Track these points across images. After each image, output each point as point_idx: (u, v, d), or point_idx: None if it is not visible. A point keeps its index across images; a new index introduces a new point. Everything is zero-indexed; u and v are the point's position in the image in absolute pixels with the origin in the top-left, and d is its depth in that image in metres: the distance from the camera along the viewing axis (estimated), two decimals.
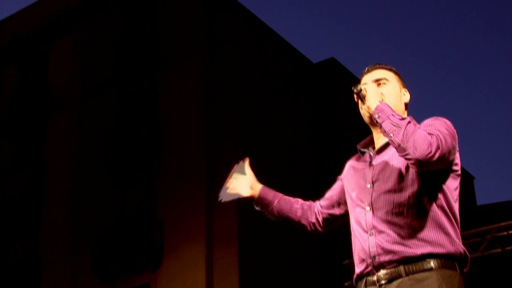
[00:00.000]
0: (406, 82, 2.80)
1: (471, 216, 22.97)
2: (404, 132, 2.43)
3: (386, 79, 2.71)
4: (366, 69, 2.78)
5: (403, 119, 2.48)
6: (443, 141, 2.44)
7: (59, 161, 21.40)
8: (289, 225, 2.97)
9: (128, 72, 20.80)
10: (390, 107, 2.55)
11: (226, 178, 3.04)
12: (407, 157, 2.42)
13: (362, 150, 2.77)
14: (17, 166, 22.19)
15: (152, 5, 21.45)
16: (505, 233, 8.18)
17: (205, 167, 18.46)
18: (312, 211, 2.96)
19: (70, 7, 22.88)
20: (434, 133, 2.45)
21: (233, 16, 20.29)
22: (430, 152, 2.39)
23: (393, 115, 2.49)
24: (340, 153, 22.40)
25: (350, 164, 2.84)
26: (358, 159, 2.80)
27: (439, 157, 2.40)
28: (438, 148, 2.40)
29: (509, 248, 8.04)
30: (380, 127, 2.51)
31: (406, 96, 2.73)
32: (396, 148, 2.46)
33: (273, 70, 20.81)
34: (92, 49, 22.17)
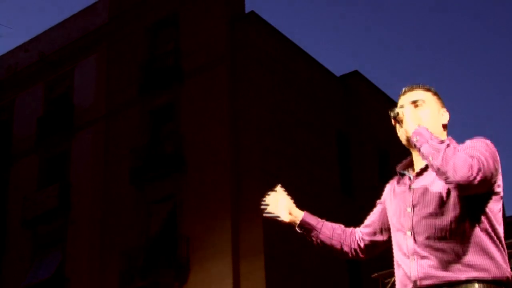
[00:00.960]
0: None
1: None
2: (443, 155, 2.38)
3: (423, 101, 2.66)
4: (403, 90, 2.73)
5: (442, 142, 2.44)
6: (485, 163, 2.38)
7: (86, 178, 21.60)
8: (331, 251, 2.91)
9: (152, 88, 20.97)
10: (428, 130, 2.51)
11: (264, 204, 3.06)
12: (448, 180, 2.36)
13: (402, 172, 2.71)
14: (45, 183, 22.43)
15: (175, 21, 21.64)
16: None
17: (230, 181, 18.49)
18: (354, 238, 2.88)
19: (95, 26, 23.18)
20: (475, 155, 2.39)
21: (255, 30, 20.39)
22: (471, 175, 2.33)
23: (432, 138, 2.45)
24: (365, 166, 22.30)
25: (390, 187, 2.76)
26: (398, 182, 2.72)
27: (480, 180, 2.35)
28: (479, 170, 2.35)
29: None
30: (419, 151, 2.47)
31: (445, 117, 2.68)
32: (436, 172, 2.41)
33: (296, 83, 20.83)
34: (117, 67, 22.40)
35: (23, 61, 24.63)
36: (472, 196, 2.41)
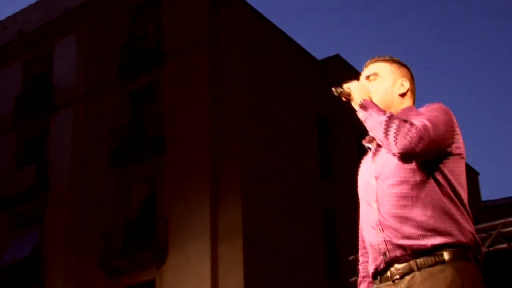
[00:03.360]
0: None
1: (477, 212, 22.95)
2: (385, 127, 2.39)
3: (376, 74, 2.64)
4: (365, 64, 2.72)
5: (385, 114, 2.44)
6: (430, 130, 2.37)
7: (64, 158, 21.48)
8: None
9: (133, 69, 20.84)
10: (373, 103, 2.51)
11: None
12: (391, 152, 2.39)
13: (367, 145, 2.71)
14: (22, 163, 22.27)
15: (156, 2, 21.48)
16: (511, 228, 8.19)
17: (209, 164, 18.49)
18: (367, 271, 2.68)
19: (75, 5, 22.93)
20: (419, 124, 2.38)
21: (237, 12, 20.30)
22: (411, 144, 2.33)
23: (375, 111, 2.46)
24: (345, 150, 22.41)
25: (360, 165, 2.76)
26: (366, 156, 2.74)
27: (423, 148, 2.35)
28: (421, 139, 2.34)
29: None
30: (366, 126, 2.50)
31: (404, 86, 2.65)
32: (381, 144, 2.44)
33: (278, 66, 20.81)
34: (97, 47, 22.22)
35: (1, 39, 24.32)
36: (431, 161, 2.41)
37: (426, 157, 2.39)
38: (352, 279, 10.69)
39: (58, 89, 22.52)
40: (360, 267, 2.76)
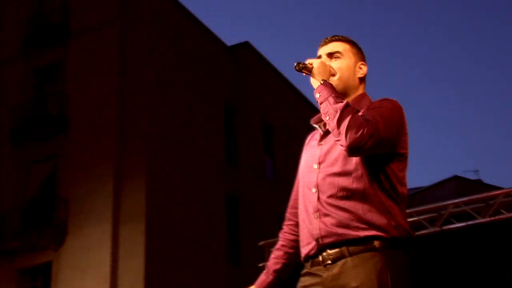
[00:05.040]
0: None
1: None
2: (339, 117, 2.37)
3: (340, 53, 2.61)
4: (323, 40, 2.66)
5: (341, 102, 2.41)
6: (381, 128, 2.37)
7: None
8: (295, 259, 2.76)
9: (38, 45, 20.24)
10: (332, 87, 2.48)
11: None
12: (339, 143, 2.38)
13: (314, 125, 2.67)
14: None
15: None
16: (464, 208, 8.58)
17: (114, 145, 18.26)
18: (291, 237, 2.74)
19: None
20: (371, 120, 2.37)
21: None
22: (362, 140, 2.33)
23: (332, 96, 2.44)
24: (251, 137, 22.66)
25: (307, 140, 2.72)
26: (313, 136, 2.70)
27: (371, 145, 2.34)
28: (371, 136, 2.34)
29: (467, 223, 8.44)
30: (319, 107, 2.47)
31: (362, 70, 2.63)
32: (331, 132, 2.42)
33: (186, 50, 20.74)
34: (1, 19, 21.42)
35: None
36: (375, 156, 2.42)
37: (372, 153, 2.39)
38: (261, 264, 10.83)
39: None
40: (281, 235, 2.77)
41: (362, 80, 2.63)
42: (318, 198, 2.48)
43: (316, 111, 2.64)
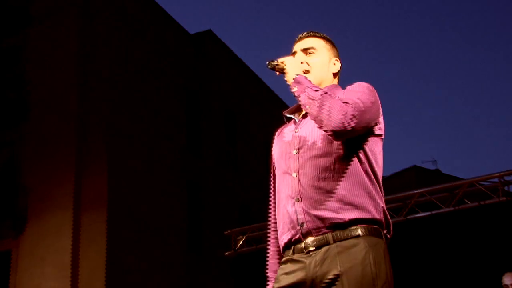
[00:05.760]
0: None
1: None
2: (319, 104, 2.40)
3: (314, 48, 2.67)
4: (298, 36, 2.71)
5: (319, 90, 2.46)
6: (361, 109, 2.41)
7: None
8: None
9: None
10: (307, 79, 2.52)
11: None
12: (324, 128, 2.41)
13: (288, 116, 2.72)
14: None
15: None
16: (428, 198, 8.73)
17: (75, 132, 18.05)
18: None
19: None
20: (351, 102, 2.41)
21: None
22: (345, 122, 2.36)
23: (309, 87, 2.47)
24: (212, 126, 22.66)
25: (277, 134, 2.77)
26: (284, 128, 2.75)
27: (355, 126, 2.38)
28: (353, 117, 2.37)
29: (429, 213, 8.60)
30: (299, 100, 2.50)
31: (336, 66, 2.70)
32: (314, 120, 2.45)
33: (148, 37, 20.57)
34: None
35: None
36: (355, 138, 2.45)
37: (355, 134, 2.42)
38: (227, 253, 10.87)
39: None
40: (272, 236, 2.78)
41: (336, 75, 2.70)
42: (299, 181, 2.49)
43: (278, 100, 2.70)
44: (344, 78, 2.77)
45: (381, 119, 2.55)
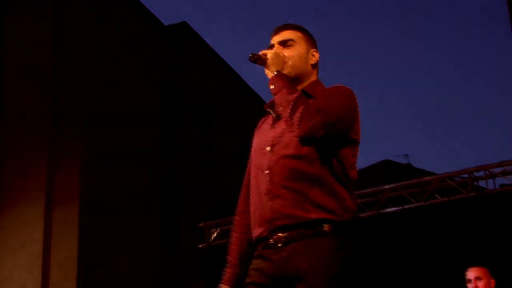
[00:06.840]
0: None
1: None
2: (292, 107, 2.40)
3: (293, 41, 2.65)
4: (274, 30, 2.71)
5: (294, 93, 2.45)
6: (333, 118, 2.40)
7: None
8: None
9: None
10: (285, 78, 2.52)
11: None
12: (293, 133, 2.42)
13: (268, 110, 2.71)
14: None
15: None
16: (400, 192, 8.81)
17: (48, 125, 17.90)
18: (244, 227, 2.75)
19: None
20: (324, 110, 2.40)
21: None
22: (313, 130, 2.37)
23: (286, 88, 2.47)
24: (187, 118, 22.61)
25: (259, 125, 2.76)
26: (265, 120, 2.75)
27: (323, 135, 2.38)
28: (323, 126, 2.37)
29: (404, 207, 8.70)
30: (274, 98, 2.52)
31: (314, 57, 2.68)
32: (285, 122, 2.46)
33: (122, 28, 20.43)
34: None
35: None
36: (328, 142, 2.45)
37: (326, 141, 2.43)
38: (201, 246, 10.90)
39: None
40: (236, 223, 2.80)
41: (314, 66, 2.68)
42: (271, 180, 2.50)
43: (253, 93, 2.70)
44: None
45: (357, 124, 2.54)
